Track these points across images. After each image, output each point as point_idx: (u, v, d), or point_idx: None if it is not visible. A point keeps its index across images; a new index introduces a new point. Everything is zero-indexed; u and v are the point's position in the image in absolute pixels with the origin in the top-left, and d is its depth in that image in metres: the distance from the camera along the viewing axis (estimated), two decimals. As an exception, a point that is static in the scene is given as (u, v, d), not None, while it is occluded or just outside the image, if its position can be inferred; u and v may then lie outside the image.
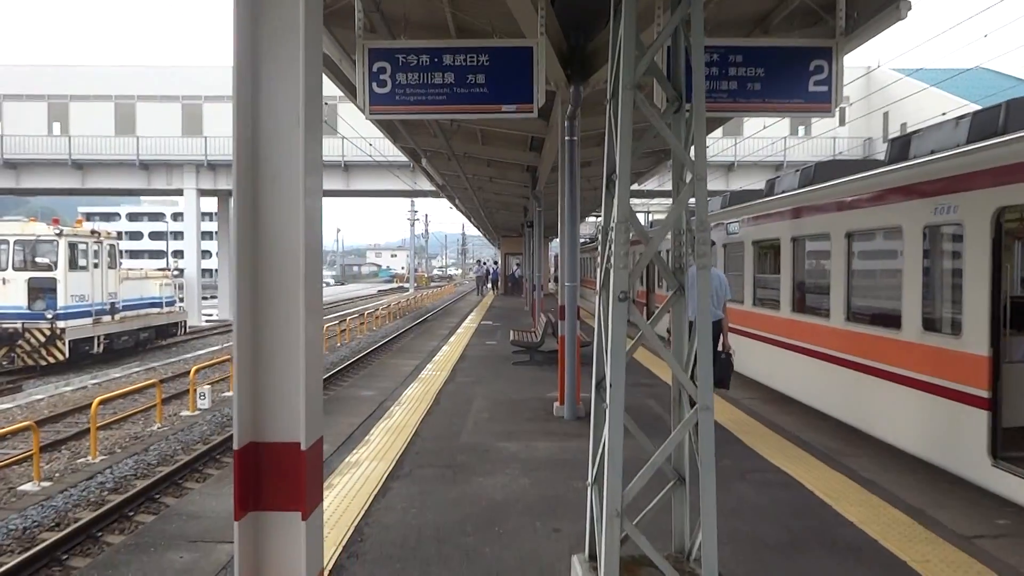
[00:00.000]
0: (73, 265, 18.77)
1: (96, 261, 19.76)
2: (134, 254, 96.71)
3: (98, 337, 19.60)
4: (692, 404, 3.37)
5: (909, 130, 10.74)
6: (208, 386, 13.86)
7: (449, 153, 14.08)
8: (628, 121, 3.22)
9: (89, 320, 19.22)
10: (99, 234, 20.21)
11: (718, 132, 29.02)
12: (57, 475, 9.22)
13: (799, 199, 9.84)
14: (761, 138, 33.84)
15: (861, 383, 7.69)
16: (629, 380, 3.31)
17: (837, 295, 8.45)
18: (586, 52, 7.01)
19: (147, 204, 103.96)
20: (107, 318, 20.13)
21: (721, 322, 7.42)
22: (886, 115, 35.23)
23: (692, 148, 3.43)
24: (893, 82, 32.15)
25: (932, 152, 7.39)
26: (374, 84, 5.46)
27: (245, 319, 1.93)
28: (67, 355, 18.05)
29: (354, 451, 6.57)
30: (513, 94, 5.57)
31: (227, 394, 14.62)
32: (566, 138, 7.67)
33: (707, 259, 3.27)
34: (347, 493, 5.33)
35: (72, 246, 18.79)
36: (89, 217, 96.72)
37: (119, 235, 23.57)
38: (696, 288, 3.29)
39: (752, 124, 32.13)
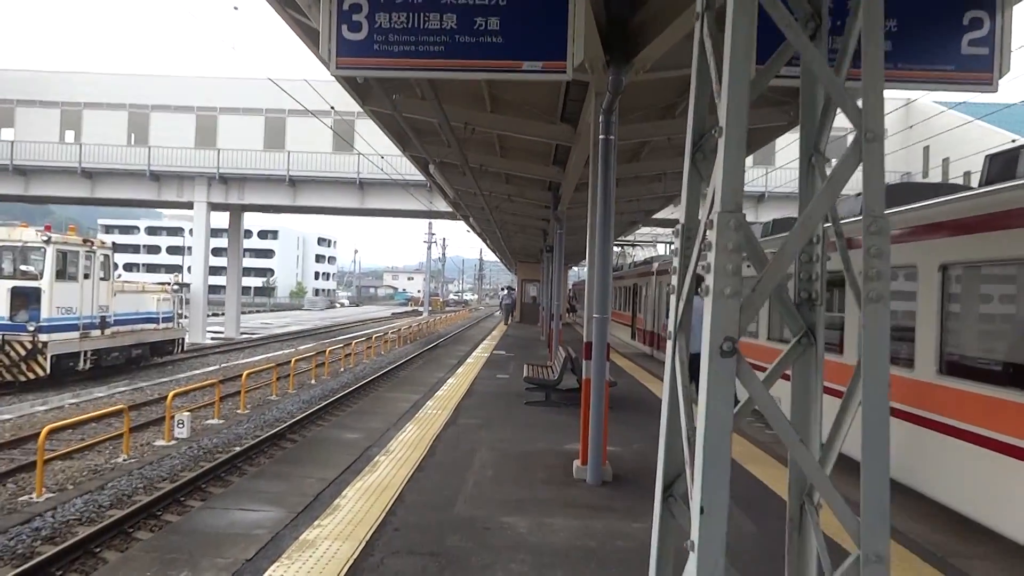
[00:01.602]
0: (61, 275, 17.62)
1: (87, 271, 18.60)
2: (151, 268, 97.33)
3: (84, 353, 18.38)
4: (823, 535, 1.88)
5: (951, 162, 9.24)
6: (187, 413, 12.50)
7: (463, 166, 12.74)
8: (750, 34, 1.78)
9: (75, 334, 18.03)
10: (91, 243, 19.08)
11: (748, 160, 27.04)
12: (-10, 517, 7.96)
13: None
14: (793, 168, 32.35)
15: (965, 454, 6.08)
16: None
17: (926, 341, 6.88)
18: (631, 26, 5.59)
19: (167, 219, 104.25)
20: (96, 332, 18.93)
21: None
22: (926, 149, 33.57)
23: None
24: (935, 114, 30.56)
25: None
26: (344, 27, 3.87)
27: None
28: (48, 371, 16.86)
29: (316, 521, 5.07)
30: (538, 46, 3.93)
31: (211, 421, 13.29)
32: (600, 136, 6.22)
33: (885, 284, 1.79)
34: (286, 598, 3.82)
35: (61, 254, 17.64)
36: (108, 230, 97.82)
37: (129, 247, 22.56)
38: (866, 332, 1.81)
39: (784, 154, 30.69)
